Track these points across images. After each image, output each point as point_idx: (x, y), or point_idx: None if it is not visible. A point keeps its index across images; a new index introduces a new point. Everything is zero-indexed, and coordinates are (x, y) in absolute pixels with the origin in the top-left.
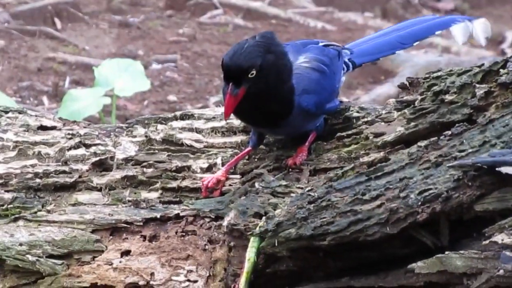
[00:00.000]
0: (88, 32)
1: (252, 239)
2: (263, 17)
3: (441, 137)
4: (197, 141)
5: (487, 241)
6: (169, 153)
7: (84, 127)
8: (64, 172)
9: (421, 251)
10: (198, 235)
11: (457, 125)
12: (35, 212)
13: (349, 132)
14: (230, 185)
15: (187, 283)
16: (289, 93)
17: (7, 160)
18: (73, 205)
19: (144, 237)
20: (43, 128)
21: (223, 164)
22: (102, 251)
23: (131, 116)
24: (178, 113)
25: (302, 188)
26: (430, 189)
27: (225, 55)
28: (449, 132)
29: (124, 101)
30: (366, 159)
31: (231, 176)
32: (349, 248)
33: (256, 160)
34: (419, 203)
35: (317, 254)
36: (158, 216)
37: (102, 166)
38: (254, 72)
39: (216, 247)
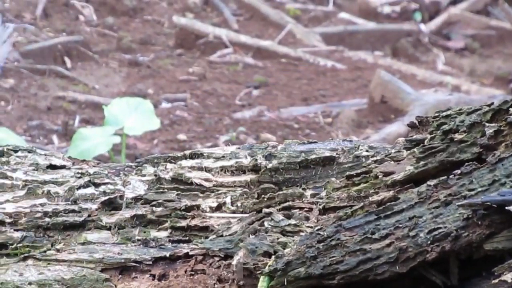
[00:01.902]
0: (98, 71)
1: (261, 278)
2: (273, 56)
3: (451, 176)
4: (206, 180)
5: (496, 280)
6: (179, 192)
7: (94, 166)
8: (73, 211)
9: None
10: (207, 274)
11: (466, 164)
12: (45, 251)
13: (359, 171)
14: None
15: None
16: None
17: (17, 199)
18: (83, 244)
19: (154, 276)
20: (52, 167)
21: (232, 204)
22: None
23: (140, 155)
24: (187, 152)
25: (311, 227)
26: (440, 228)
27: None
28: (459, 171)
29: (134, 140)
30: (375, 198)
31: (240, 215)
32: (358, 286)
33: (265, 199)
34: (429, 242)
35: None
36: (168, 255)
37: (111, 205)
38: None
39: (226, 286)
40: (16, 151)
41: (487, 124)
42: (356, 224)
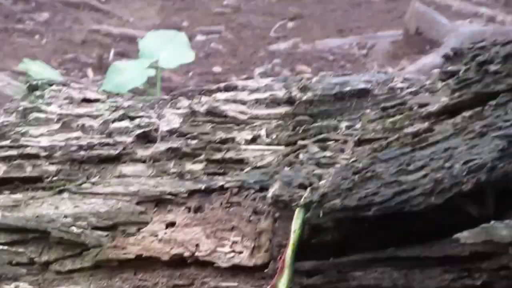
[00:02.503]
0: (132, 3)
1: (297, 210)
2: None
3: (486, 107)
4: (241, 112)
5: None
6: (213, 124)
7: (128, 99)
8: (108, 144)
9: (466, 221)
10: (242, 206)
11: (501, 95)
12: (80, 185)
13: (394, 102)
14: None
15: (232, 254)
16: None
17: (51, 132)
18: (118, 177)
19: (189, 208)
20: (87, 100)
21: (267, 136)
22: (147, 223)
23: (175, 88)
24: (222, 85)
25: (346, 159)
26: (475, 159)
27: None
28: (494, 102)
29: (168, 73)
30: (410, 129)
31: (275, 147)
32: (394, 218)
33: (300, 131)
34: (464, 173)
35: (363, 224)
36: (203, 188)
37: (146, 138)
38: None
39: (261, 218)
40: (50, 85)
41: None
42: (391, 156)
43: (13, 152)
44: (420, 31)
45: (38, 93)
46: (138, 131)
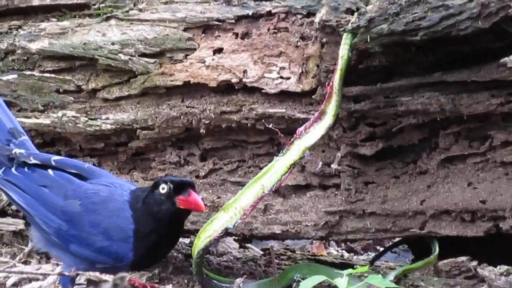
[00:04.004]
0: None
1: (344, 36)
2: None
3: None
4: None
5: None
6: None
7: None
8: None
9: None
10: (290, 31)
11: None
12: (127, 11)
13: None
14: None
15: (279, 80)
16: None
17: None
18: (165, 3)
19: (236, 34)
20: None
21: None
22: (195, 49)
23: None
24: None
25: None
26: None
27: None
28: None
29: None
30: None
31: None
32: (441, 43)
33: None
34: None
35: (409, 49)
36: (250, 13)
37: None
38: None
39: (309, 44)
40: None
41: None
42: None
43: None
44: None
45: None
46: None
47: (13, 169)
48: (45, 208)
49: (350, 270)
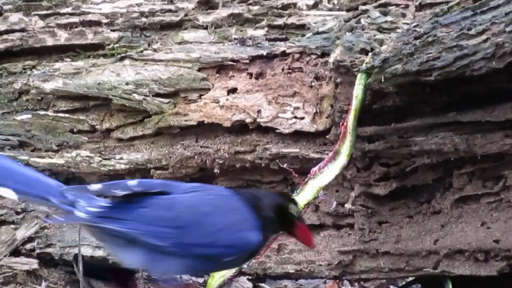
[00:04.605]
0: None
1: (359, 76)
2: None
3: None
4: None
5: None
6: None
7: None
8: (170, 10)
9: None
10: (304, 72)
11: None
12: (142, 51)
13: None
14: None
15: (294, 120)
16: None
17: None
18: (179, 43)
19: (251, 74)
20: None
21: (328, 1)
22: (209, 89)
23: None
24: None
25: (408, 23)
26: None
27: None
28: None
29: None
30: None
31: (336, 12)
32: (455, 83)
33: None
34: None
35: (424, 89)
36: (264, 54)
37: (207, 4)
38: None
39: (323, 84)
40: None
41: None
42: (452, 20)
43: (75, 19)
44: None
45: None
46: None
47: (99, 203)
48: (154, 225)
49: None
